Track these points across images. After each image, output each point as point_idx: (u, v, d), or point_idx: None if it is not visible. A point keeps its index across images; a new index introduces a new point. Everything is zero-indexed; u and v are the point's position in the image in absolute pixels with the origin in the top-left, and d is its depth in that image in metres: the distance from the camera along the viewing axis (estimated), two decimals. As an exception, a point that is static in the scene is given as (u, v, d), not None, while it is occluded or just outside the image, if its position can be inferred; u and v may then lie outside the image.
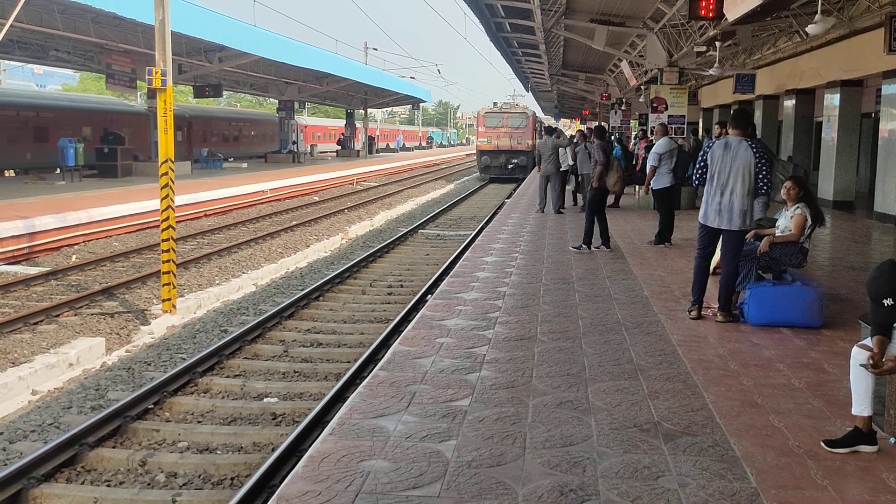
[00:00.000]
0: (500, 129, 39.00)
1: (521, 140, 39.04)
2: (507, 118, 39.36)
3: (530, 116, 40.36)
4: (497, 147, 39.07)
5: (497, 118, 39.45)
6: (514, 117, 39.56)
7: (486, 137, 39.43)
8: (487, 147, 39.36)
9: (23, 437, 6.86)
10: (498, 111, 40.41)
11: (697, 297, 7.85)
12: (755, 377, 5.88)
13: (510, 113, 40.07)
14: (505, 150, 39.01)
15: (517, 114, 40.14)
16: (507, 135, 38.95)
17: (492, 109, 40.72)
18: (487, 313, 7.88)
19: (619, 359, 6.32)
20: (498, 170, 39.05)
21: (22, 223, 15.33)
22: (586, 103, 52.86)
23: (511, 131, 38.96)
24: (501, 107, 41.48)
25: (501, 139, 39.04)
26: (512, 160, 38.88)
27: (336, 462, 4.21)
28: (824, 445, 4.52)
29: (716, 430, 4.78)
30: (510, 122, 39.15)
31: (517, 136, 39.06)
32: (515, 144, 39.04)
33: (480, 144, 40.11)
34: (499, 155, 39.08)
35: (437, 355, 6.36)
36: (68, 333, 10.11)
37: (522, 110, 41.23)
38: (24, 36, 25.03)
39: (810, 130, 23.27)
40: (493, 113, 40.15)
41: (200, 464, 6.25)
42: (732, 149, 7.43)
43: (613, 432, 4.72)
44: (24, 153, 31.50)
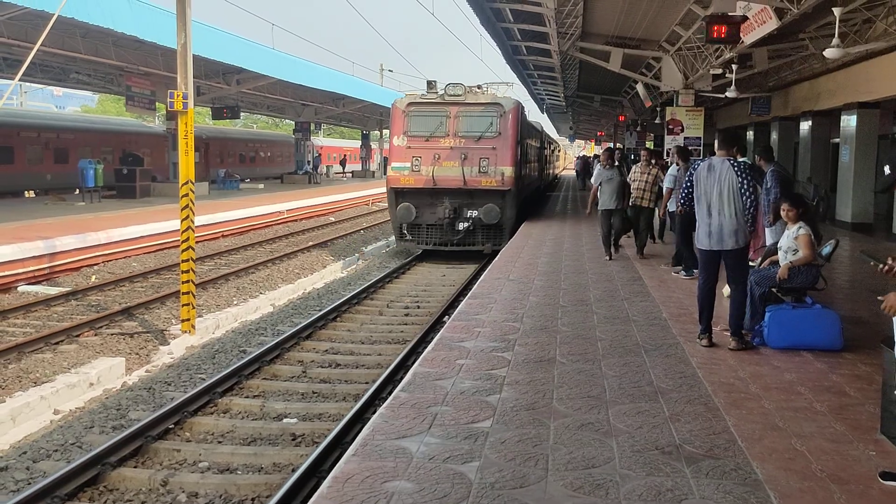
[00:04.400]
0: (442, 143, 18.34)
1: (488, 167, 18.10)
2: (459, 118, 18.45)
3: (509, 112, 18.50)
4: (432, 182, 18.10)
5: (434, 117, 18.52)
6: (472, 115, 18.53)
7: (405, 160, 18.41)
8: (408, 181, 18.30)
9: (46, 456, 6.92)
10: (436, 103, 18.64)
11: (705, 324, 7.67)
12: (776, 400, 5.86)
13: (465, 106, 18.51)
14: (450, 191, 18.18)
15: (480, 107, 18.56)
16: (458, 153, 18.19)
17: (422, 99, 18.97)
18: (506, 335, 7.90)
19: (638, 381, 6.31)
20: (434, 233, 18.55)
21: (43, 244, 15.50)
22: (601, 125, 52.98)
23: (466, 146, 18.20)
24: (446, 92, 18.69)
25: (444, 164, 18.19)
26: (465, 213, 18.37)
27: (360, 483, 4.23)
28: (880, 479, 4.44)
29: (738, 454, 4.77)
30: (464, 127, 18.43)
31: (480, 158, 18.16)
32: (475, 177, 18.11)
33: (394, 176, 18.51)
34: (436, 201, 18.34)
35: (458, 377, 6.38)
36: (89, 353, 10.20)
37: (491, 100, 18.79)
38: (47, 59, 25.40)
39: (827, 152, 23.22)
40: (424, 107, 18.70)
41: (221, 484, 6.28)
42: (716, 170, 7.44)
43: (635, 455, 4.72)
44: (45, 174, 31.88)
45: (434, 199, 18.24)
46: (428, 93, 18.80)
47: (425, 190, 18.19)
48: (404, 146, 18.34)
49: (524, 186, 20.92)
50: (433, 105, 18.47)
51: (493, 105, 18.46)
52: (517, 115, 18.60)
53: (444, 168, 18.02)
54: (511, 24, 19.99)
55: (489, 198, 18.04)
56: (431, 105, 18.49)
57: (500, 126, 18.25)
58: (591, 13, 17.04)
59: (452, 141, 18.19)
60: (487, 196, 18.06)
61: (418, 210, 18.20)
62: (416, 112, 18.50)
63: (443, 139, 18.25)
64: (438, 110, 18.40)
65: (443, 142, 18.24)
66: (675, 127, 20.15)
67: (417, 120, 18.42)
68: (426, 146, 18.19)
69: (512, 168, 18.02)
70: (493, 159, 17.98)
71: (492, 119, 18.29)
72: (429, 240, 18.47)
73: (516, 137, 18.32)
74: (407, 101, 18.79)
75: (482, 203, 18.00)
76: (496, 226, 18.19)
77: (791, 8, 10.69)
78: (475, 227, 18.25)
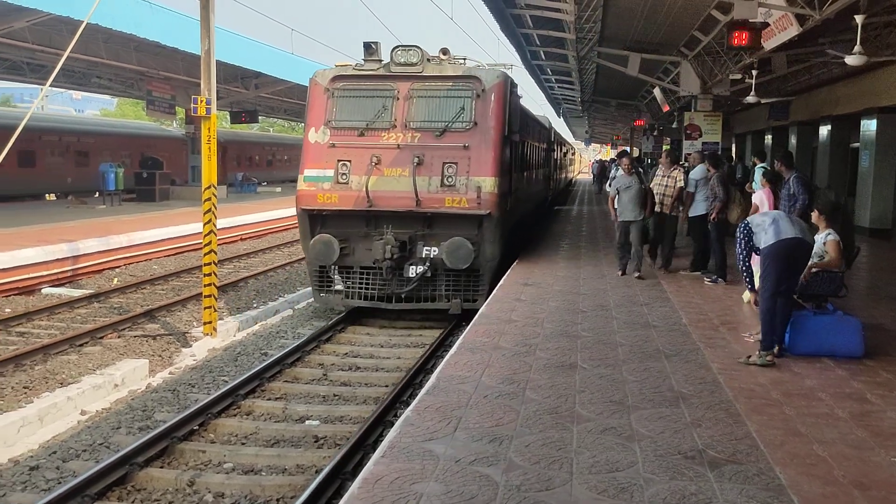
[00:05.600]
0: (384, 138, 11.82)
1: (457, 177, 11.51)
2: (413, 100, 11.92)
3: (491, 92, 11.76)
4: (366, 201, 11.57)
5: (373, 99, 12.08)
6: (434, 95, 11.96)
7: (325, 165, 11.89)
8: (330, 200, 11.80)
9: (75, 455, 7.04)
10: (377, 76, 12.11)
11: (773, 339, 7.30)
12: (797, 406, 5.89)
13: (422, 81, 11.98)
14: (396, 215, 11.64)
15: (446, 83, 12.00)
16: (409, 155, 11.59)
17: (356, 71, 12.28)
18: (528, 339, 7.96)
19: (659, 386, 6.36)
20: (371, 282, 11.86)
21: (66, 246, 15.71)
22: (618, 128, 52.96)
23: (423, 143, 11.67)
24: (392, 60, 12.00)
25: (387, 173, 11.64)
26: (419, 250, 11.80)
27: (389, 484, 4.32)
28: None
29: (760, 459, 4.81)
30: (420, 113, 11.92)
31: (444, 164, 11.55)
32: (436, 193, 11.49)
33: (309, 192, 11.90)
34: (372, 231, 11.83)
35: (481, 380, 6.45)
36: (112, 355, 10.35)
37: (464, 72, 12.06)
38: (69, 63, 25.70)
39: (846, 157, 23.13)
40: (359, 83, 12.19)
41: (247, 485, 6.38)
42: None
43: (658, 459, 4.78)
44: (66, 177, 32.24)
45: (370, 227, 11.64)
46: (365, 62, 12.09)
47: (356, 214, 11.54)
48: (325, 144, 11.78)
49: (517, 205, 14.02)
50: (372, 80, 11.90)
51: (467, 80, 11.74)
52: (503, 94, 11.70)
53: (387, 179, 11.40)
54: (530, 29, 20.09)
55: (457, 226, 11.36)
56: (369, 80, 11.92)
57: (476, 112, 11.55)
58: (609, 18, 17.08)
59: (401, 136, 11.60)
60: (455, 223, 11.38)
61: (346, 245, 11.64)
62: (346, 91, 11.98)
63: (386, 133, 11.66)
64: (380, 88, 11.85)
65: (386, 137, 11.63)
66: (693, 132, 20.15)
67: (347, 103, 11.93)
68: (359, 144, 11.63)
69: (494, 179, 11.31)
70: (464, 165, 11.34)
71: (464, 101, 11.64)
72: (362, 291, 11.72)
73: (502, 130, 11.60)
74: (332, 75, 12.12)
75: (446, 234, 11.34)
76: (469, 271, 11.44)
77: (813, 14, 10.71)
78: (436, 271, 11.55)
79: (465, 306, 11.50)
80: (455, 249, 11.27)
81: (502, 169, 11.78)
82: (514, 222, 14.14)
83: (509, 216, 12.87)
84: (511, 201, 12.95)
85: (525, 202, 16.52)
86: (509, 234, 13.21)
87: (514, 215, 13.76)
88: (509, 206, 12.65)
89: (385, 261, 11.43)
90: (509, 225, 13.04)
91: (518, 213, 14.79)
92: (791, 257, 7.19)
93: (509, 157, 12.54)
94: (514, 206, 13.50)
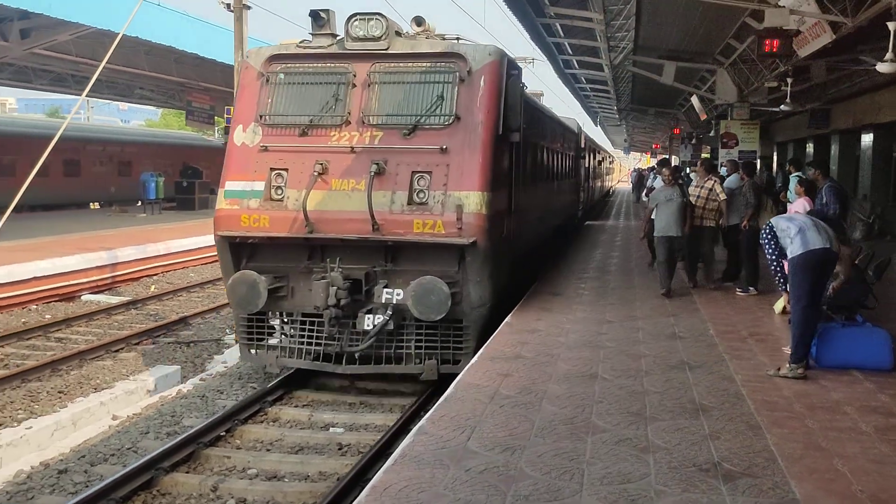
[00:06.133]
0: (333, 139, 8.93)
1: (429, 192, 8.63)
2: (374, 87, 9.01)
3: (481, 74, 8.82)
4: (305, 225, 8.64)
5: (320, 86, 9.20)
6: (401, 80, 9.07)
7: (254, 176, 9.05)
8: (258, 223, 8.92)
9: (103, 459, 7.21)
10: (326, 55, 9.19)
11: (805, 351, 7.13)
12: (821, 420, 5.80)
13: (386, 61, 9.05)
14: (344, 245, 8.70)
15: (419, 63, 9.05)
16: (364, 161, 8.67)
17: (300, 49, 9.30)
18: (550, 349, 7.95)
19: (680, 398, 6.31)
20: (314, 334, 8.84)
21: (106, 254, 16.06)
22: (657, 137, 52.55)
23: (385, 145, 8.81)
24: (348, 34, 9.03)
25: (334, 185, 8.76)
26: (377, 291, 8.65)
27: (397, 492, 4.36)
28: None
29: (777, 472, 4.75)
30: (383, 104, 9.00)
31: (414, 174, 8.68)
32: (401, 213, 8.57)
33: (231, 212, 9.07)
34: (315, 265, 8.88)
35: (499, 389, 6.46)
36: (146, 361, 10.57)
37: (444, 49, 9.07)
38: (113, 76, 26.35)
39: (889, 166, 22.65)
40: (302, 64, 9.30)
41: (269, 491, 6.47)
42: None
43: (672, 471, 4.75)
44: (109, 186, 32.96)
45: (314, 261, 8.90)
46: (313, 37, 9.29)
47: (292, 242, 8.86)
48: (255, 147, 9.07)
49: (524, 228, 11.27)
50: (321, 61, 9.19)
51: (447, 59, 8.98)
52: (497, 79, 8.93)
53: (336, 195, 8.70)
54: (562, 38, 20.07)
55: (430, 260, 8.65)
56: (317, 61, 9.21)
57: (459, 102, 8.78)
58: (643, 27, 17.00)
59: (357, 135, 8.86)
60: (427, 256, 8.67)
61: (281, 285, 8.91)
62: (286, 76, 9.27)
63: (337, 132, 8.92)
64: (331, 72, 9.14)
65: (336, 137, 8.90)
66: (730, 140, 19.96)
67: (286, 92, 9.23)
68: (300, 147, 8.92)
69: (482, 194, 8.51)
70: (440, 175, 8.60)
71: (443, 88, 8.89)
72: (304, 348, 8.85)
73: (494, 127, 8.76)
74: (268, 54, 9.34)
75: (415, 271, 8.54)
76: (448, 322, 8.57)
77: (846, 21, 10.55)
78: (404, 322, 8.67)
79: (443, 370, 8.50)
80: (424, 294, 8.19)
81: (495, 180, 8.79)
82: (521, 251, 11.11)
83: (509, 245, 9.84)
84: (511, 224, 9.94)
85: (539, 223, 13.58)
86: (511, 268, 10.20)
87: (518, 242, 10.62)
88: (508, 230, 9.71)
89: (328, 308, 8.36)
90: (510, 256, 10.00)
91: (527, 238, 11.80)
92: (820, 268, 7.08)
93: (508, 165, 9.68)
94: (518, 230, 10.46)
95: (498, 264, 9.12)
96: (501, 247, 9.32)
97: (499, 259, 9.15)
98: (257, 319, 9.11)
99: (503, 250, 9.46)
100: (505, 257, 9.63)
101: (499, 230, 9.16)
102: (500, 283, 9.40)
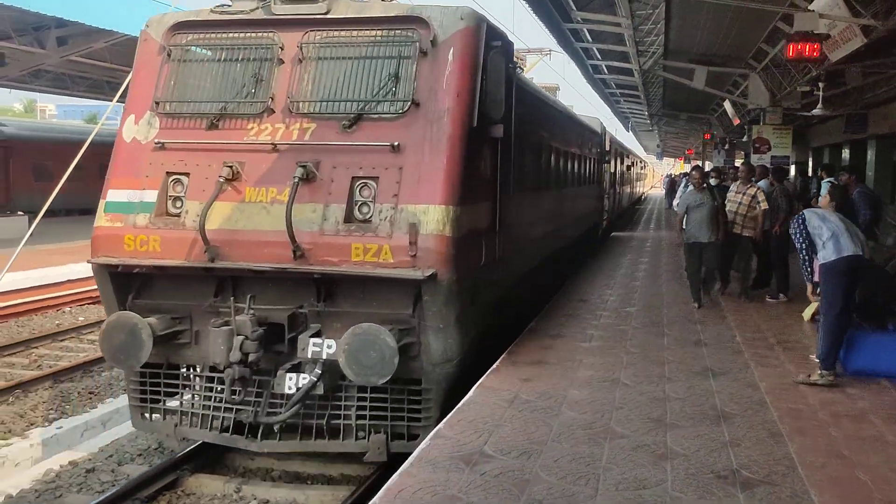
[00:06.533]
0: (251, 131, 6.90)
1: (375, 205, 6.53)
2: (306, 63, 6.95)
3: (450, 44, 6.78)
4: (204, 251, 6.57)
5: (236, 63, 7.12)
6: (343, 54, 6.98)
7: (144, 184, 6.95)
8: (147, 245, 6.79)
9: (130, 459, 7.34)
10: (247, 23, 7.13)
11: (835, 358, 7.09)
12: (845, 428, 5.72)
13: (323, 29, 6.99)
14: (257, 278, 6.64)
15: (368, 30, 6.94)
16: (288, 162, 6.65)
17: (214, 15, 7.26)
18: (573, 353, 7.93)
19: (702, 405, 6.26)
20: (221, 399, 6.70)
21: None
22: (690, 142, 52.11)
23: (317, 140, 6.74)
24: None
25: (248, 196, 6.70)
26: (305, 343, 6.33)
27: (411, 495, 4.39)
28: None
29: (796, 481, 4.70)
30: (319, 87, 6.90)
31: (356, 181, 6.59)
32: (336, 234, 6.45)
33: (112, 231, 6.87)
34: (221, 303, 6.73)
35: (519, 393, 6.46)
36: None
37: (400, 12, 7.06)
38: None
39: (927, 171, 22.25)
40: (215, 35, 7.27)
41: (291, 493, 6.53)
42: None
43: (689, 478, 4.72)
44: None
45: (221, 296, 6.85)
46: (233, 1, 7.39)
47: (190, 272, 6.85)
48: (148, 144, 7.12)
49: (517, 252, 9.09)
50: (239, 30, 7.26)
51: (404, 25, 7.04)
52: (472, 51, 6.95)
53: (249, 208, 6.73)
54: (589, 43, 20.01)
55: (377, 297, 6.62)
56: (234, 30, 7.28)
57: (419, 83, 6.81)
58: (673, 31, 16.89)
59: (280, 127, 6.94)
60: (372, 293, 6.64)
61: (180, 329, 6.89)
62: (192, 50, 7.40)
63: (254, 124, 7.00)
64: (250, 44, 7.22)
65: (253, 131, 6.98)
66: (762, 145, 19.68)
67: (191, 71, 7.33)
68: (206, 145, 7.02)
69: (447, 209, 6.48)
70: (389, 181, 6.62)
71: (397, 64, 6.92)
72: (211, 414, 6.81)
73: (467, 116, 6.78)
74: (172, 22, 7.41)
75: (357, 314, 6.50)
76: (401, 383, 6.57)
77: (877, 25, 10.39)
78: (342, 382, 6.50)
79: (394, 447, 6.47)
80: (359, 349, 5.97)
81: (468, 189, 6.68)
82: (514, 278, 9.01)
83: (494, 273, 7.72)
84: (498, 246, 7.77)
85: (545, 240, 11.32)
86: (499, 303, 8.17)
87: (510, 268, 8.54)
88: (492, 254, 7.54)
89: (231, 366, 6.26)
90: (495, 289, 7.88)
91: (523, 261, 9.58)
92: (851, 274, 7.00)
93: (490, 168, 7.51)
94: (508, 253, 8.28)
95: (473, 302, 6.92)
96: (479, 279, 7.15)
97: (474, 295, 6.97)
98: (151, 374, 6.83)
99: (482, 283, 7.24)
100: (485, 292, 7.41)
101: (473, 256, 6.98)
102: (477, 327, 7.16)
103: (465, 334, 6.69)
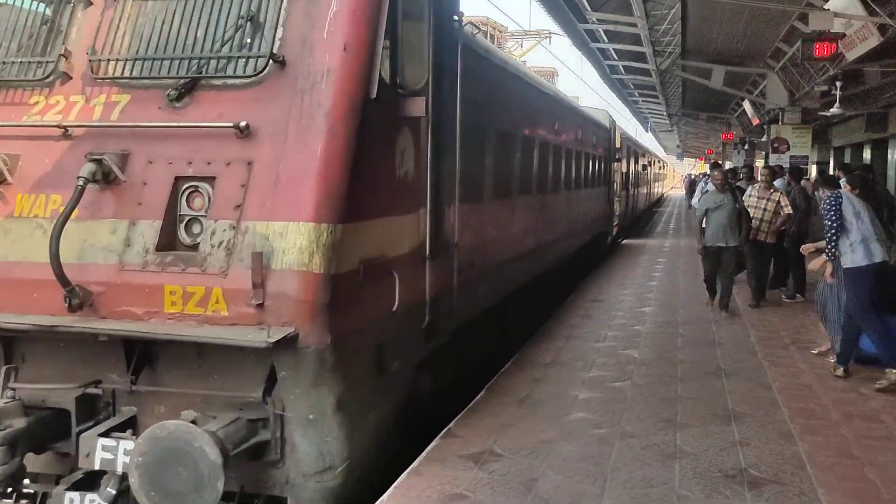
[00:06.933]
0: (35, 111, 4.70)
1: (205, 221, 4.28)
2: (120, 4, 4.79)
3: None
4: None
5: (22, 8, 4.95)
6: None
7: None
8: None
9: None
10: None
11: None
12: (856, 428, 5.71)
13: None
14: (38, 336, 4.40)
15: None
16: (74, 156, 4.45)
17: None
18: (586, 354, 7.96)
19: (713, 405, 6.27)
20: None
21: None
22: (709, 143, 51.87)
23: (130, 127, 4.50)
24: None
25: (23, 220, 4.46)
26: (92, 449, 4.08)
27: (420, 492, 4.45)
28: None
29: (805, 480, 4.71)
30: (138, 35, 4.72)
31: (181, 182, 4.38)
32: (142, 270, 4.22)
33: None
34: None
35: (532, 393, 6.51)
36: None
37: None
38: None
39: (949, 170, 22.00)
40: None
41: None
42: None
43: (697, 477, 4.74)
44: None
45: None
46: None
47: None
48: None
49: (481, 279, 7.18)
50: None
51: None
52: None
53: (19, 227, 4.49)
54: (606, 44, 20.01)
55: (216, 368, 4.34)
56: None
57: (286, 30, 4.52)
58: (690, 31, 16.87)
59: (78, 100, 4.70)
60: (211, 360, 4.33)
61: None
62: None
63: (38, 96, 4.79)
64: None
65: (38, 106, 4.76)
66: (781, 145, 19.59)
67: None
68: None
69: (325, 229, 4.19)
70: (232, 184, 4.31)
71: (254, 1, 4.65)
72: None
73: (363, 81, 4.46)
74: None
75: (183, 398, 4.39)
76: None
77: (893, 24, 10.35)
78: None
79: None
80: (161, 463, 3.87)
81: (361, 195, 4.53)
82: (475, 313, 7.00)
83: (414, 327, 5.40)
84: (427, 285, 5.52)
85: (514, 269, 8.74)
86: (427, 374, 5.82)
87: (449, 318, 6.04)
88: (414, 297, 5.31)
89: None
90: (418, 351, 5.52)
91: (475, 305, 6.99)
92: (876, 278, 7.04)
93: (411, 165, 5.25)
94: (446, 295, 5.97)
95: (379, 371, 4.83)
96: (390, 335, 4.93)
97: (380, 361, 4.84)
98: None
99: (398, 340, 5.05)
100: (405, 350, 5.22)
101: (375, 302, 4.73)
102: (387, 410, 5.01)
103: (355, 427, 4.46)
